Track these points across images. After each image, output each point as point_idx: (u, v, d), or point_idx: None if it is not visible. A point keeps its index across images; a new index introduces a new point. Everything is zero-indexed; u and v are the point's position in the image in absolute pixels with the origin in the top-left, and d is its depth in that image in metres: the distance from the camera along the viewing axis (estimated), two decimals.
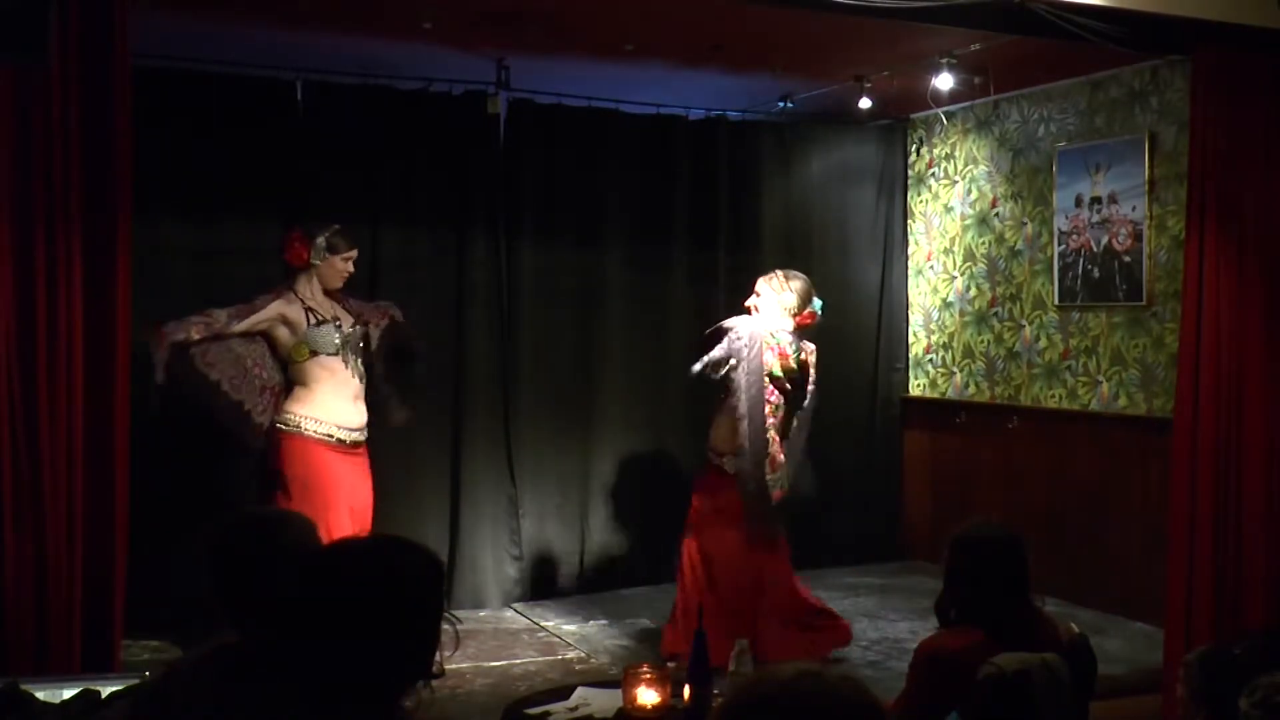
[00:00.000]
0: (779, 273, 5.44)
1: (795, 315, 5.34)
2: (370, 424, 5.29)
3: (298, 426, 5.08)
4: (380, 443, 6.17)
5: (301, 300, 5.17)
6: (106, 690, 2.80)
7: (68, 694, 2.86)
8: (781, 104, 7.00)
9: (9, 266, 3.74)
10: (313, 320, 5.13)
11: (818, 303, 5.44)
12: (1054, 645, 3.03)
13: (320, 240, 5.15)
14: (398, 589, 1.97)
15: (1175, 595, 5.00)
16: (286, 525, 2.48)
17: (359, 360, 5.25)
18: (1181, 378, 5.07)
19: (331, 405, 5.13)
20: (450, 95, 6.24)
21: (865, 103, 6.55)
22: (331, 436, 5.12)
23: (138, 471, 4.09)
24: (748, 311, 5.42)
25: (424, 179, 6.25)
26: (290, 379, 5.17)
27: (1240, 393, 4.96)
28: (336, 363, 5.16)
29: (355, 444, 5.21)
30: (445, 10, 5.17)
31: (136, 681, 2.89)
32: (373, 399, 5.34)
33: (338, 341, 5.15)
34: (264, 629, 2.18)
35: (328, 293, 5.23)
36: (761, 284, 5.40)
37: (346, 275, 5.27)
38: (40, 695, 2.82)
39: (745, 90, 6.79)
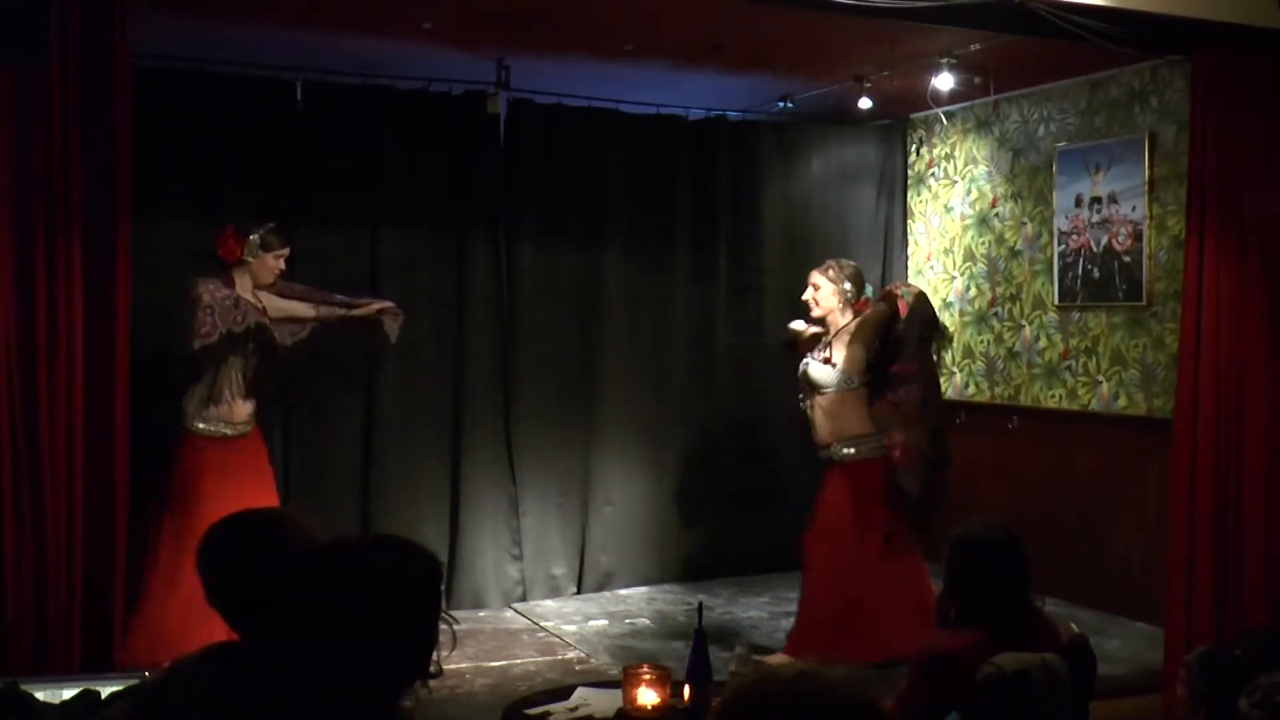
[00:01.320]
0: (833, 262, 5.53)
1: (855, 302, 5.44)
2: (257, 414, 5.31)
3: (189, 426, 5.10)
4: (381, 442, 6.20)
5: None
6: (106, 690, 2.80)
7: (68, 694, 2.86)
8: (781, 104, 7.00)
9: (9, 266, 3.74)
10: None
11: (869, 289, 5.59)
12: (1054, 645, 3.03)
13: (254, 238, 5.14)
14: (396, 589, 1.97)
15: (1175, 595, 5.00)
16: (286, 525, 2.47)
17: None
18: (1181, 378, 5.07)
19: (226, 402, 5.15)
20: (450, 95, 6.24)
21: (865, 103, 6.55)
22: (219, 433, 5.14)
23: (138, 472, 4.09)
24: (806, 307, 5.48)
25: (424, 179, 6.25)
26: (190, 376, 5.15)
27: (1240, 392, 4.96)
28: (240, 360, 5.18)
29: (241, 435, 5.21)
30: (445, 10, 5.17)
31: (136, 681, 2.89)
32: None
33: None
34: (264, 629, 2.18)
35: (256, 289, 5.23)
36: (818, 276, 5.45)
37: (278, 272, 5.26)
38: (40, 695, 2.82)
39: (745, 90, 6.79)
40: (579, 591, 6.64)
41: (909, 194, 7.63)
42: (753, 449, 7.05)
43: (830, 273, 5.43)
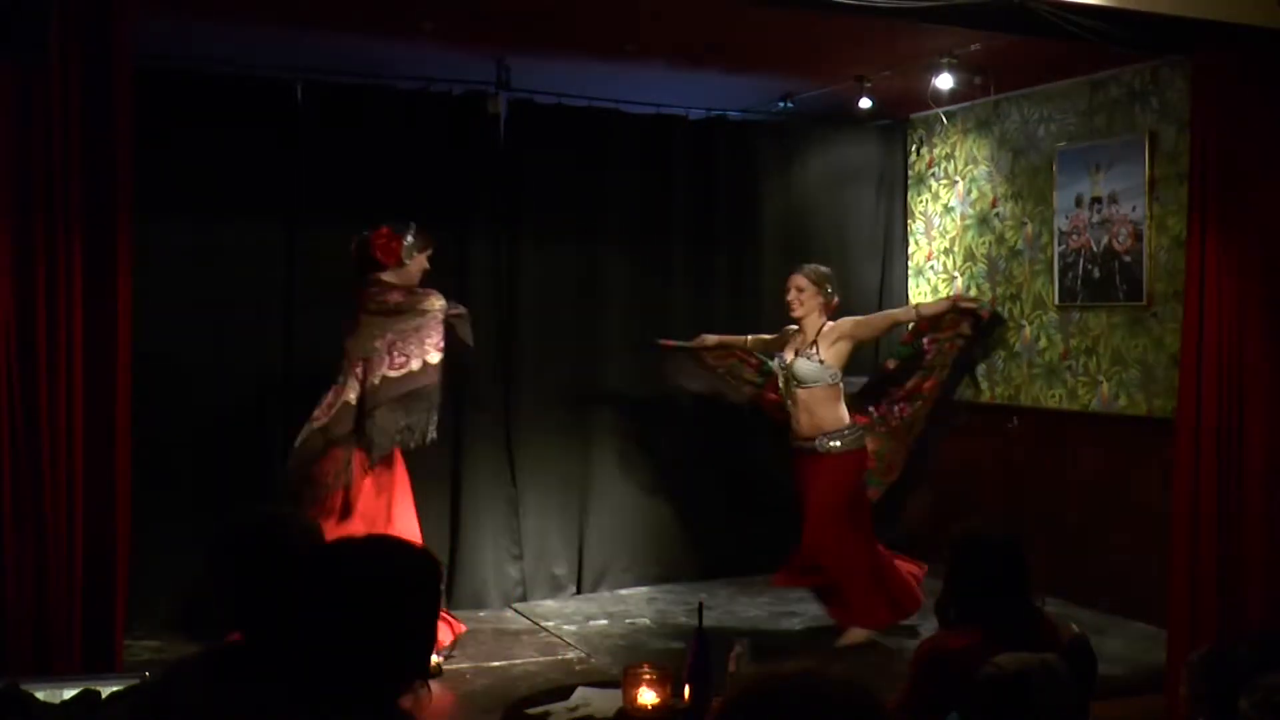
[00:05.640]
0: (810, 267, 5.77)
1: (830, 303, 5.73)
2: None
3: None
4: None
5: None
6: (106, 690, 2.80)
7: (68, 694, 2.86)
8: (781, 104, 7.00)
9: (9, 266, 3.74)
10: None
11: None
12: (1054, 645, 3.03)
13: (410, 239, 5.19)
14: (396, 589, 1.98)
15: (1178, 595, 5.00)
16: (288, 526, 2.48)
17: None
18: (1183, 377, 5.07)
19: None
20: (450, 95, 6.24)
21: (865, 103, 6.55)
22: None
23: (138, 472, 4.09)
24: (789, 308, 5.70)
25: (424, 179, 6.24)
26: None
27: (1241, 391, 4.95)
28: None
29: None
30: (445, 10, 5.17)
31: (136, 681, 2.89)
32: None
33: None
34: (265, 629, 2.18)
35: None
36: (801, 279, 5.69)
37: (425, 271, 5.28)
38: (40, 695, 2.82)
39: (745, 90, 6.79)
40: (579, 591, 6.64)
41: (909, 194, 7.62)
42: (752, 449, 7.03)
43: (813, 276, 5.67)
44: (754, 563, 6.95)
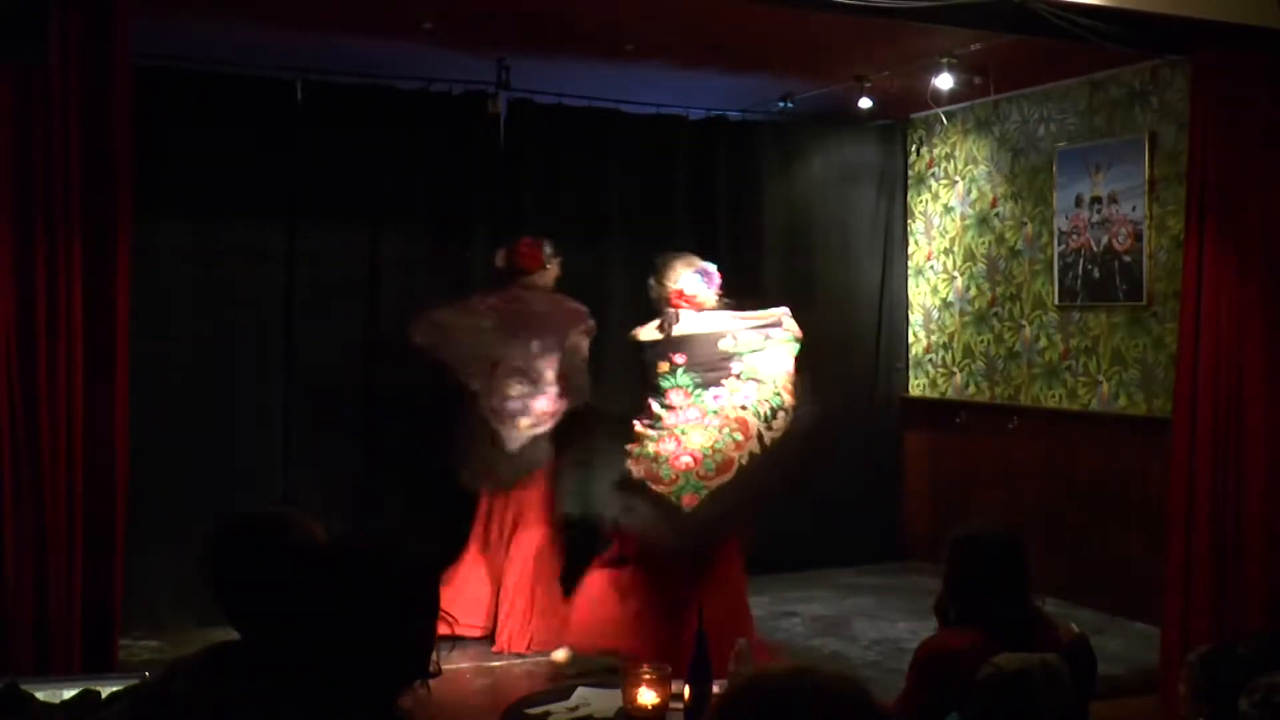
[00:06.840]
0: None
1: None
2: None
3: None
4: (382, 441, 6.19)
5: None
6: (106, 690, 2.80)
7: (68, 694, 2.86)
8: (781, 104, 7.00)
9: (9, 266, 3.75)
10: None
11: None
12: (1054, 645, 3.03)
13: (548, 246, 5.68)
14: (395, 588, 1.98)
15: (1173, 595, 5.00)
16: (287, 525, 2.47)
17: None
18: (1180, 377, 5.07)
19: None
20: (450, 95, 6.24)
21: (865, 103, 6.55)
22: None
23: (138, 472, 4.09)
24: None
25: (424, 179, 6.25)
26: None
27: (1239, 391, 4.95)
28: None
29: None
30: (445, 10, 5.17)
31: (136, 681, 2.89)
32: None
33: None
34: (264, 629, 2.18)
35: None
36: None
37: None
38: (40, 695, 2.82)
39: (745, 90, 6.78)
40: None
41: (909, 194, 7.62)
42: None
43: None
44: (753, 562, 6.94)
